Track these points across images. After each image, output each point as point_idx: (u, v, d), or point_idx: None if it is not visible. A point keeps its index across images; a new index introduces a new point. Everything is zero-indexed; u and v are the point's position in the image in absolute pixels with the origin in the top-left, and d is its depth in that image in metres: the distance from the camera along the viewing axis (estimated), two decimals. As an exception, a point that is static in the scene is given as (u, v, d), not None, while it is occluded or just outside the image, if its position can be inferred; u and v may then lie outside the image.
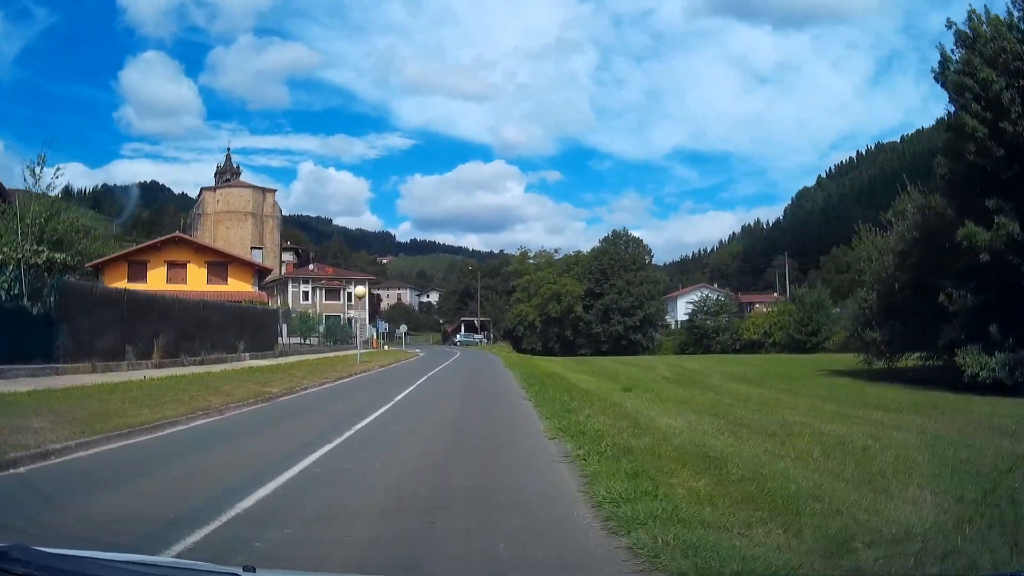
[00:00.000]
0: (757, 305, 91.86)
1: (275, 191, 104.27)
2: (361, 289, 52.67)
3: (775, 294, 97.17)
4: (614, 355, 69.68)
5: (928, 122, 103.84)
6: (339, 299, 70.43)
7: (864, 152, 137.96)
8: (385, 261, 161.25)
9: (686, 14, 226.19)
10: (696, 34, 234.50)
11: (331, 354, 37.20)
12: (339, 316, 68.61)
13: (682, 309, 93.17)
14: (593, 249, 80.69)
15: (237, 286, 41.37)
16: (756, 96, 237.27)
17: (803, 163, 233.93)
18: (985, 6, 18.60)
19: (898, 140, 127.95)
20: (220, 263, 41.90)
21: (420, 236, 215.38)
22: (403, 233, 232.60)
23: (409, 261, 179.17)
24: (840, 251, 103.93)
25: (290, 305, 68.84)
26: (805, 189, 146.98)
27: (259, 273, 43.74)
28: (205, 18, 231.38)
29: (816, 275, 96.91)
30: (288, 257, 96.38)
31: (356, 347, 34.85)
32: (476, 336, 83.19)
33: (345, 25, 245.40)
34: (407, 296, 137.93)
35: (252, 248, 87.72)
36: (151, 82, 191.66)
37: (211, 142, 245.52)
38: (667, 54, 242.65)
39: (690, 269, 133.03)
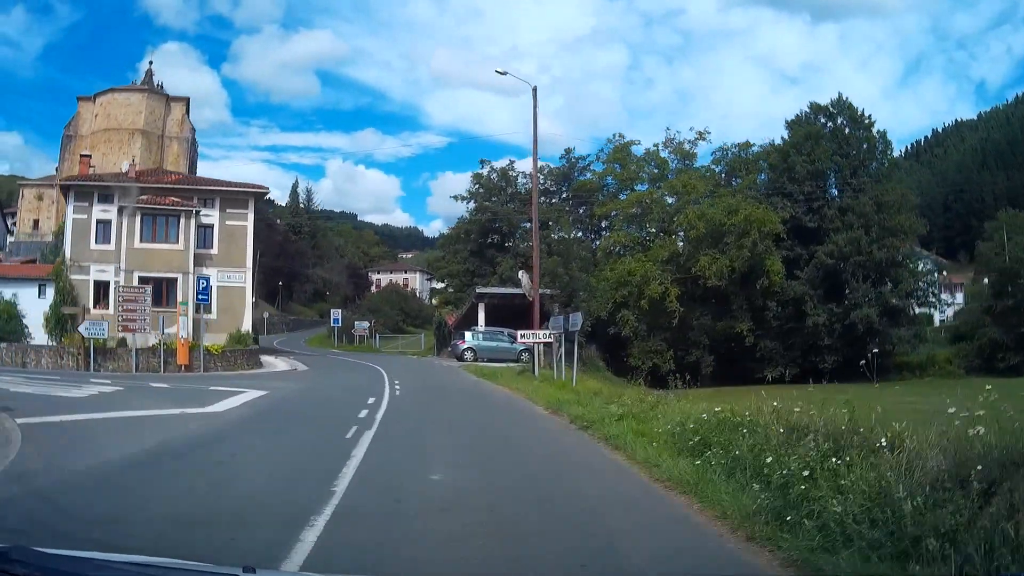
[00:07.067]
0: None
1: (187, 100, 64.88)
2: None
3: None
4: (851, 382, 27.22)
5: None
6: (178, 240, 30.24)
7: (940, 131, 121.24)
8: (409, 256, 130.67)
9: (720, 4, 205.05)
10: (727, 34, 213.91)
11: None
12: (176, 277, 29.80)
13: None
14: (775, 145, 39.18)
15: None
16: (784, 97, 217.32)
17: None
18: None
19: (975, 117, 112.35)
20: None
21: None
22: (433, 230, 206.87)
23: (434, 254, 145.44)
24: (996, 223, 64.32)
25: (68, 246, 29.94)
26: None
27: None
28: (229, 7, 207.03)
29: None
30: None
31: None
32: (523, 336, 25.43)
33: (372, 22, 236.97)
34: (416, 280, 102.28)
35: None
36: (175, 76, 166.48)
37: (241, 139, 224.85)
38: (696, 53, 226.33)
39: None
